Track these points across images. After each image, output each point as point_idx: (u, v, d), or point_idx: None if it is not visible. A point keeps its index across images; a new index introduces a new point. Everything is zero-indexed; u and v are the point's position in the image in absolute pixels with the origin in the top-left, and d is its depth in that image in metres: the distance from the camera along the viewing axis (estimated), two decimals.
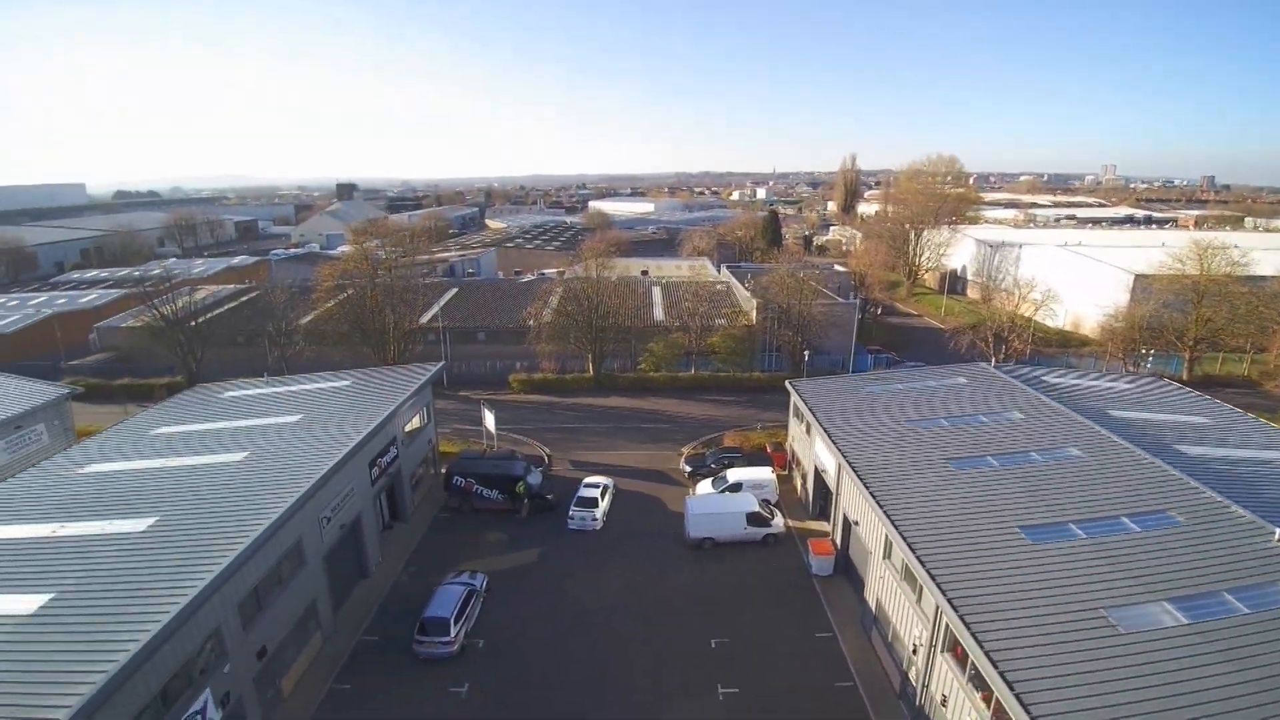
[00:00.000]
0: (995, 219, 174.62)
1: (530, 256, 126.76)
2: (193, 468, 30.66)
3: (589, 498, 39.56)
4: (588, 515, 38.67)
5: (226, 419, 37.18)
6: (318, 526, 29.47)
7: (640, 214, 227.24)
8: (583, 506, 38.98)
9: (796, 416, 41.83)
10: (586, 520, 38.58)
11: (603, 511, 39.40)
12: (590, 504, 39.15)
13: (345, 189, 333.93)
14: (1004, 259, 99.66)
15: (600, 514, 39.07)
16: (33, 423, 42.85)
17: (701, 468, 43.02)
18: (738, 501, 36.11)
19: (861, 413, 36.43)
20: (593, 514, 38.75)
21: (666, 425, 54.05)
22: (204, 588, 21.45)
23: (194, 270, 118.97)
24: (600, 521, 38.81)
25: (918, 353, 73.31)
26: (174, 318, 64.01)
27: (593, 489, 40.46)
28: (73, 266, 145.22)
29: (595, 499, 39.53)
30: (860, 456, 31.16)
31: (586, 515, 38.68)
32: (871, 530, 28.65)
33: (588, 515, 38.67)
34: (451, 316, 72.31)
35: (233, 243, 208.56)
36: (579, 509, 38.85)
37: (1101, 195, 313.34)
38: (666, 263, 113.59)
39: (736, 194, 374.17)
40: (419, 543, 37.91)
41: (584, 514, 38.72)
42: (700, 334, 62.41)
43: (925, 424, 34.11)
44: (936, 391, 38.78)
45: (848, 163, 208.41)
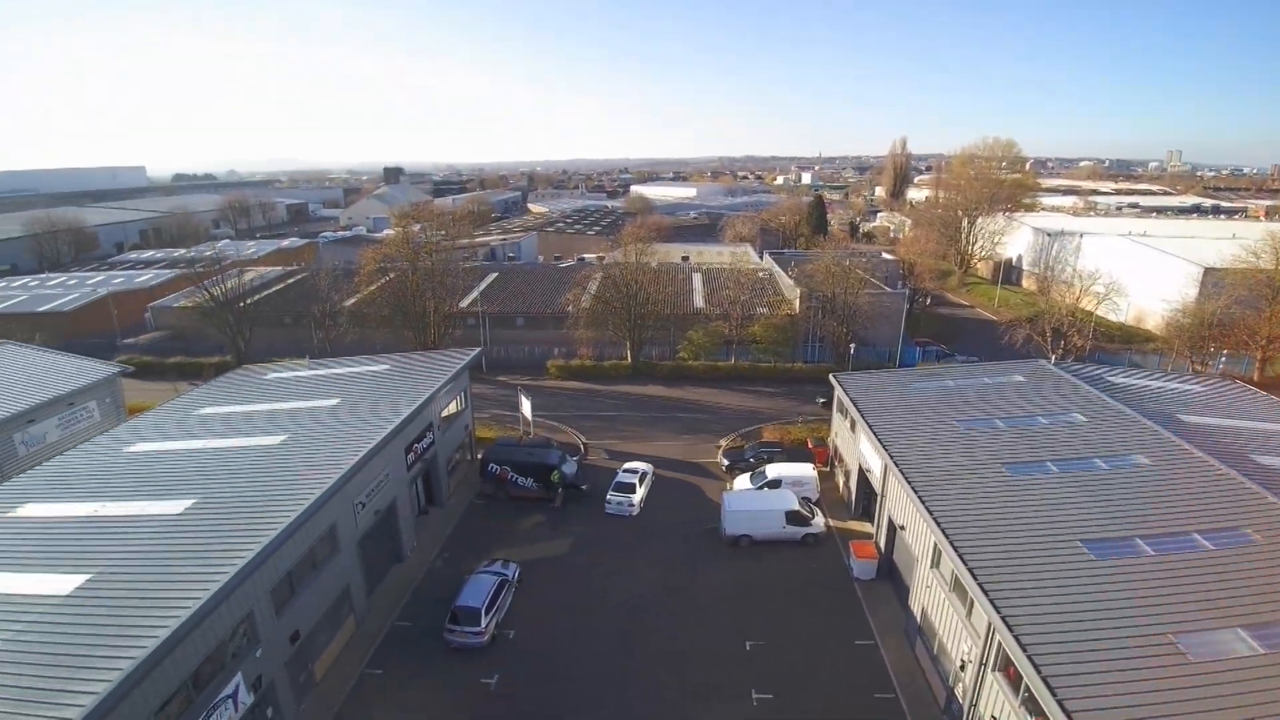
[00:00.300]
0: (1053, 206, 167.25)
1: (571, 241, 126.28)
2: (232, 450, 30.91)
3: (627, 483, 39.22)
4: (624, 500, 38.30)
5: (268, 401, 37.53)
6: (352, 512, 29.42)
7: (682, 199, 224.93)
8: (620, 491, 38.74)
9: (840, 411, 40.36)
10: (623, 505, 38.22)
11: (640, 498, 39.03)
12: (628, 489, 38.80)
13: (392, 173, 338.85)
14: (1063, 249, 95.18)
15: (638, 500, 38.70)
16: (85, 400, 44.04)
17: (739, 462, 41.93)
18: (777, 499, 34.95)
19: (910, 410, 34.79)
20: (629, 499, 38.33)
21: (704, 416, 53.01)
22: (234, 574, 21.39)
23: (246, 251, 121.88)
24: (637, 508, 38.36)
25: (968, 346, 70.50)
26: (223, 299, 65.36)
27: (631, 475, 40.10)
28: (131, 247, 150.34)
29: (633, 484, 39.13)
30: (908, 457, 29.69)
31: (623, 500, 38.32)
32: (919, 536, 27.26)
33: (624, 500, 38.30)
34: (491, 301, 72.34)
35: (284, 225, 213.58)
36: (616, 494, 38.62)
37: (1166, 183, 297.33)
38: (708, 249, 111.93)
39: (781, 179, 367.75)
40: (453, 528, 37.84)
41: (621, 499, 38.37)
42: (741, 323, 60.97)
43: (979, 425, 32.35)
44: (991, 390, 36.84)
45: (897, 146, 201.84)
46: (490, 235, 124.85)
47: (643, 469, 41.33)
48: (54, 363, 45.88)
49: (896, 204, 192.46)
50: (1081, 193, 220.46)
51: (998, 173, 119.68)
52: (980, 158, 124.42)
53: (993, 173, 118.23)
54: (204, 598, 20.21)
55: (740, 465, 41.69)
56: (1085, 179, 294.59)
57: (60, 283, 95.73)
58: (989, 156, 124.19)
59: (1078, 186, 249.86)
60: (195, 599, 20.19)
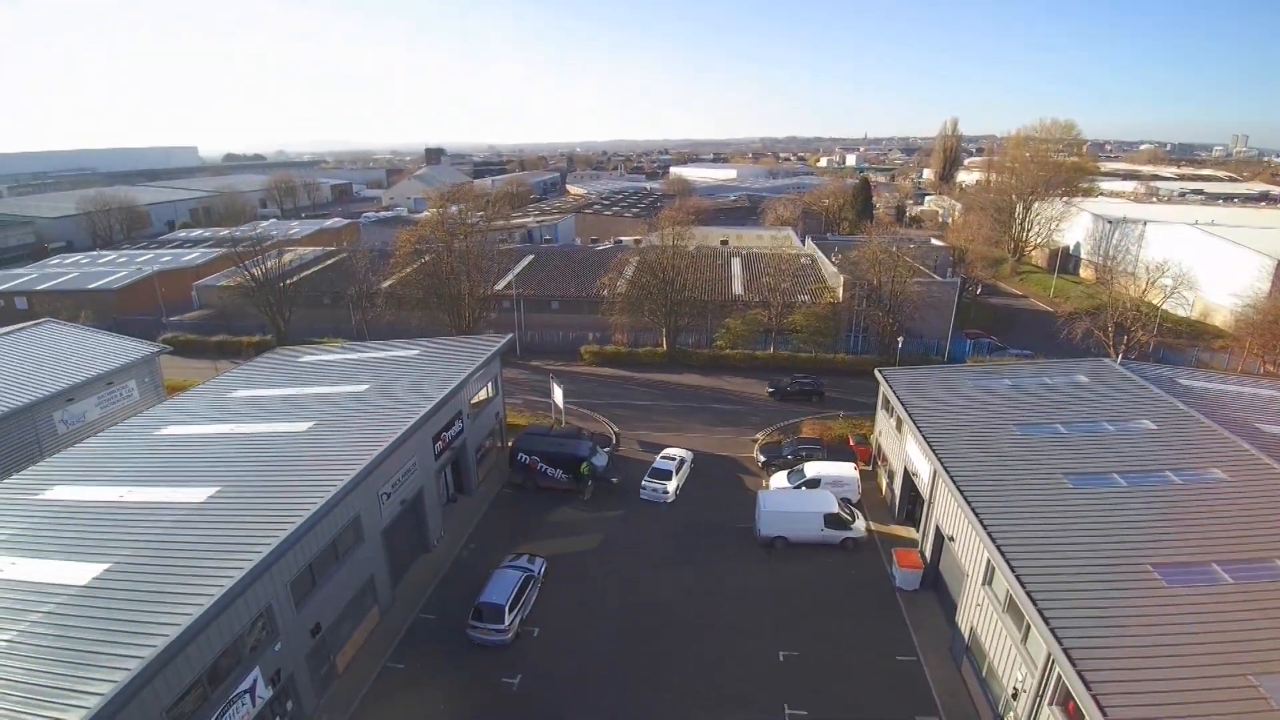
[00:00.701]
0: (1112, 191, 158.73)
1: (608, 223, 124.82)
2: (259, 436, 30.53)
3: (663, 470, 38.63)
4: (659, 487, 37.73)
5: (299, 384, 37.21)
6: (377, 503, 28.80)
7: (722, 180, 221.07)
8: (656, 478, 38.20)
9: (885, 409, 38.33)
10: (658, 492, 37.69)
11: (676, 486, 38.13)
12: (663, 476, 38.20)
13: (434, 154, 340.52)
14: (1125, 237, 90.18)
15: (673, 488, 37.86)
16: (124, 379, 44.52)
17: (777, 458, 40.27)
18: (815, 500, 33.30)
19: (962, 411, 32.62)
20: (664, 486, 37.69)
21: (741, 407, 51.37)
22: (251, 569, 20.81)
23: (290, 231, 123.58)
24: (672, 495, 37.73)
25: (1022, 338, 67.17)
26: (264, 279, 65.81)
27: (668, 461, 39.45)
28: (181, 225, 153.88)
29: (669, 471, 38.44)
30: (960, 463, 27.71)
31: (658, 487, 37.76)
32: (970, 550, 25.40)
33: (659, 487, 37.73)
34: (526, 284, 71.50)
35: (328, 205, 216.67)
36: (652, 480, 38.17)
37: (1232, 169, 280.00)
38: (747, 232, 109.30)
39: (824, 160, 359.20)
40: (481, 518, 37.16)
41: (656, 486, 37.84)
42: (781, 311, 58.86)
43: (1038, 429, 30.08)
44: (1052, 390, 34.36)
45: (948, 128, 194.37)
46: (528, 217, 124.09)
47: (680, 456, 40.51)
48: (94, 341, 46.46)
49: (945, 187, 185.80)
50: (1142, 178, 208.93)
51: (1056, 156, 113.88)
52: (1037, 140, 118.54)
53: (1050, 156, 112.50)
54: (218, 593, 19.64)
55: (777, 462, 40.05)
56: (1145, 163, 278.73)
57: (110, 260, 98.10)
58: (1046, 139, 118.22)
59: (1138, 171, 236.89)
60: (210, 594, 19.64)
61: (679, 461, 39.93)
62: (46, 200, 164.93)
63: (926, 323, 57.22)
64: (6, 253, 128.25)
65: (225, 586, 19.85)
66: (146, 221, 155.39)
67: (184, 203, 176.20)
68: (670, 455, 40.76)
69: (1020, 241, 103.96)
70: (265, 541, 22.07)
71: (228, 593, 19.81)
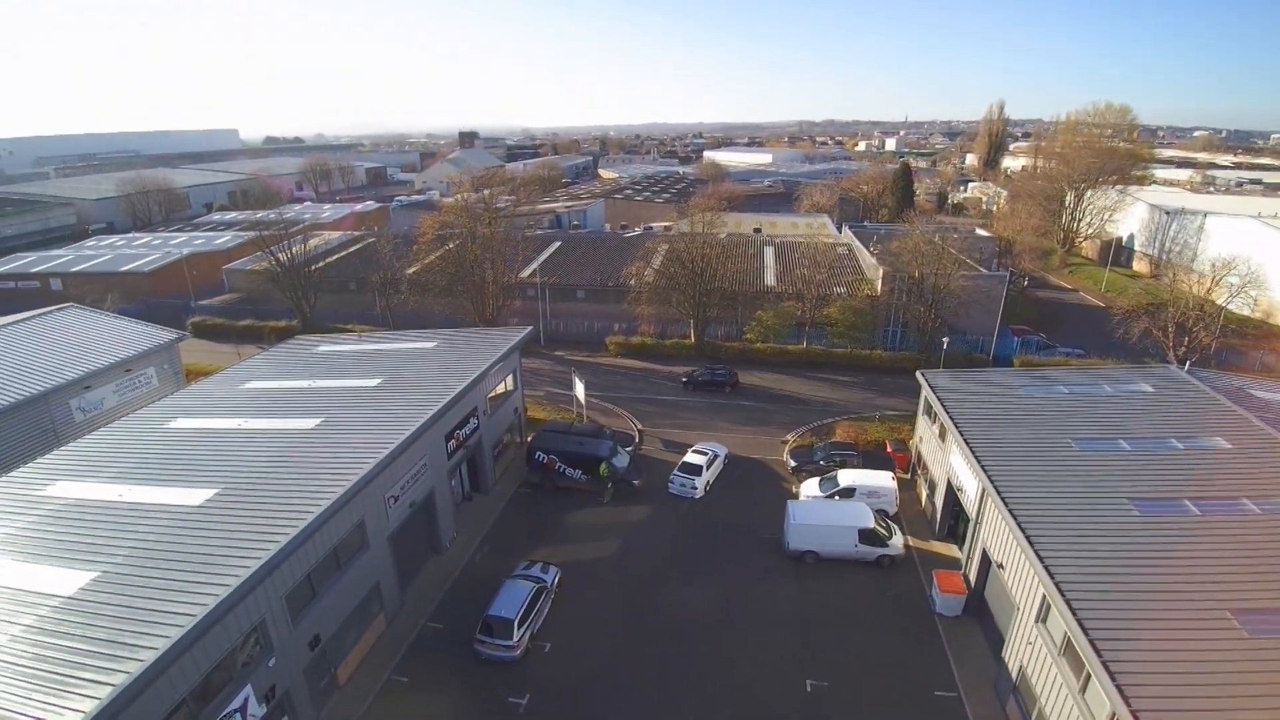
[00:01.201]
0: (1167, 180, 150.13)
1: (639, 209, 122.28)
2: (265, 433, 29.35)
3: (694, 464, 37.41)
4: (688, 482, 36.56)
5: (312, 376, 36.06)
6: (384, 507, 27.46)
7: (757, 165, 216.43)
8: (685, 472, 37.03)
9: (927, 414, 35.76)
10: (686, 487, 36.57)
11: (706, 481, 36.99)
12: (694, 471, 36.96)
13: (467, 137, 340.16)
14: (1183, 229, 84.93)
15: (702, 483, 36.67)
16: (143, 366, 44.04)
17: (808, 463, 38.02)
18: (850, 513, 31.04)
19: (1013, 421, 29.94)
20: (693, 481, 36.48)
21: (771, 406, 49.09)
22: (242, 583, 19.50)
23: (322, 215, 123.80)
24: (701, 490, 36.60)
25: (1072, 336, 63.44)
26: (289, 264, 65.25)
27: (700, 455, 38.20)
28: (218, 208, 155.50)
29: (700, 466, 37.16)
30: (1012, 482, 25.21)
31: (687, 482, 36.59)
32: (1022, 580, 23.02)
33: (688, 482, 36.56)
34: (551, 272, 69.84)
35: (362, 188, 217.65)
36: (681, 474, 37.02)
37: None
38: (782, 219, 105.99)
39: (863, 144, 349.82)
40: (497, 518, 35.74)
41: (685, 480, 36.68)
42: (815, 303, 56.15)
43: (1099, 446, 27.35)
44: (1113, 400, 31.45)
45: (993, 111, 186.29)
46: (556, 202, 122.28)
47: (714, 451, 39.08)
48: (115, 327, 46.07)
49: (990, 174, 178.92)
50: (1198, 166, 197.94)
51: (1109, 141, 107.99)
52: (1090, 125, 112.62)
53: (1103, 142, 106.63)
54: (203, 612, 18.34)
55: (808, 468, 37.81)
56: (1200, 150, 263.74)
57: (145, 243, 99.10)
58: (1100, 124, 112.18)
59: (1193, 159, 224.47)
60: (195, 613, 18.36)
61: (711, 456, 38.45)
62: (87, 182, 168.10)
63: (971, 318, 54.07)
64: (50, 234, 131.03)
65: (210, 605, 18.56)
66: (185, 204, 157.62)
67: (222, 185, 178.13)
68: (703, 450, 39.25)
69: (1070, 232, 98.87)
70: (261, 551, 20.76)
71: (214, 610, 18.53)
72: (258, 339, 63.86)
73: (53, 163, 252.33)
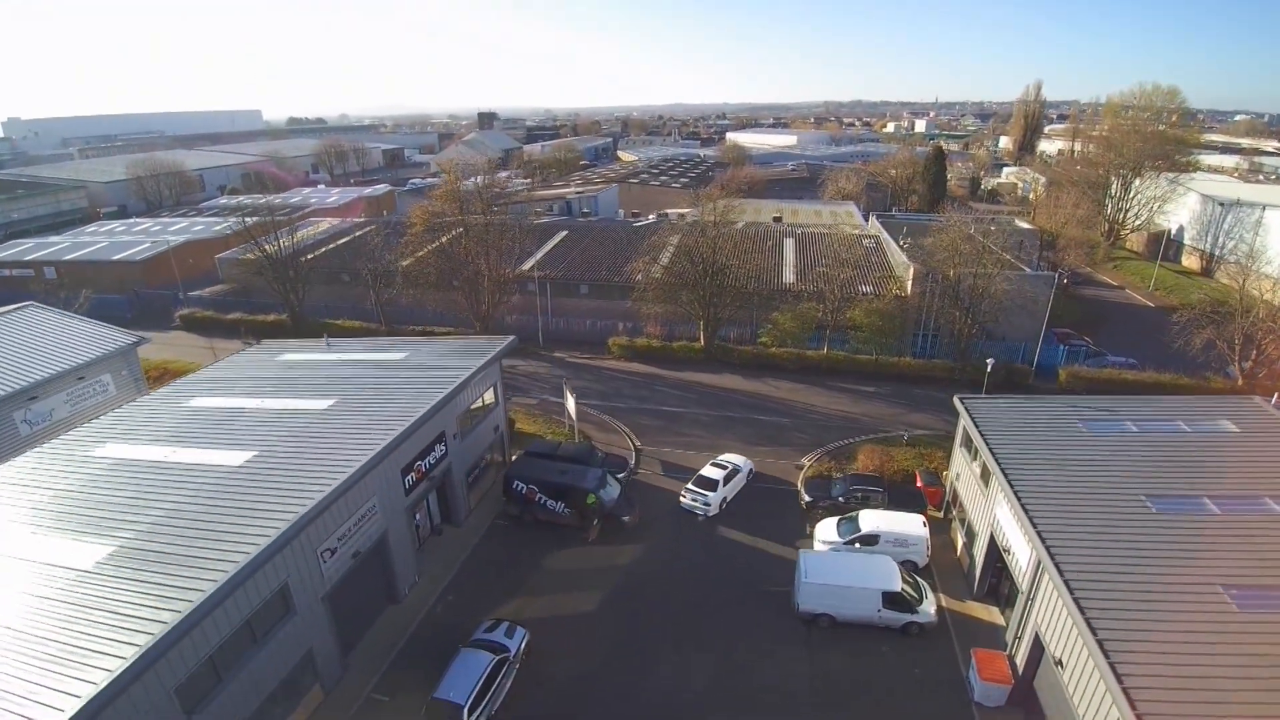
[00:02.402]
0: (1212, 167, 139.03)
1: (654, 194, 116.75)
2: (188, 471, 25.20)
3: (710, 478, 34.37)
4: (699, 498, 33.71)
5: (261, 394, 31.91)
6: (316, 562, 23.29)
7: (780, 147, 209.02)
8: (700, 487, 34.13)
9: (966, 447, 30.63)
10: (698, 503, 33.77)
11: (722, 499, 33.89)
12: (709, 485, 33.97)
13: (486, 118, 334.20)
14: (1239, 223, 77.69)
15: (718, 500, 33.65)
16: (98, 373, 40.37)
17: (825, 499, 33.10)
18: (873, 570, 26.18)
19: (1073, 469, 24.75)
20: (706, 498, 33.52)
21: (787, 420, 44.20)
22: (113, 681, 15.48)
23: (329, 199, 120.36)
24: (715, 508, 33.61)
25: (1121, 341, 57.52)
26: (277, 255, 61.50)
27: (718, 469, 35.02)
28: (230, 191, 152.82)
29: (716, 481, 34.05)
30: (1077, 558, 20.23)
31: (699, 498, 33.75)
32: (1088, 687, 18.13)
33: (699, 498, 33.71)
34: (554, 264, 65.20)
35: (378, 170, 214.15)
36: (695, 488, 34.14)
37: None
38: (804, 207, 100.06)
39: (891, 126, 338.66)
40: (467, 558, 31.42)
41: (697, 495, 33.85)
42: (839, 304, 50.77)
43: (1179, 506, 22.22)
44: (1190, 444, 26.16)
45: (1030, 92, 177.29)
46: (568, 187, 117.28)
47: (734, 465, 35.66)
48: (72, 329, 42.39)
49: (1025, 158, 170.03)
50: (1244, 152, 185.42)
51: (1156, 126, 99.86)
52: (1136, 108, 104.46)
53: (1150, 126, 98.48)
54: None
55: (825, 504, 32.89)
56: (1243, 135, 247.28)
57: (144, 229, 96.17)
58: (1147, 106, 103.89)
59: (1237, 144, 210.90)
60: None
61: (730, 471, 35.00)
62: (100, 165, 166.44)
63: (1012, 324, 48.50)
64: (60, 217, 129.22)
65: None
66: (198, 186, 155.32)
67: (236, 167, 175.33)
68: (723, 463, 35.76)
69: (1116, 224, 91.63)
70: (138, 639, 16.66)
71: None
72: (248, 333, 60.68)
73: (77, 144, 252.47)
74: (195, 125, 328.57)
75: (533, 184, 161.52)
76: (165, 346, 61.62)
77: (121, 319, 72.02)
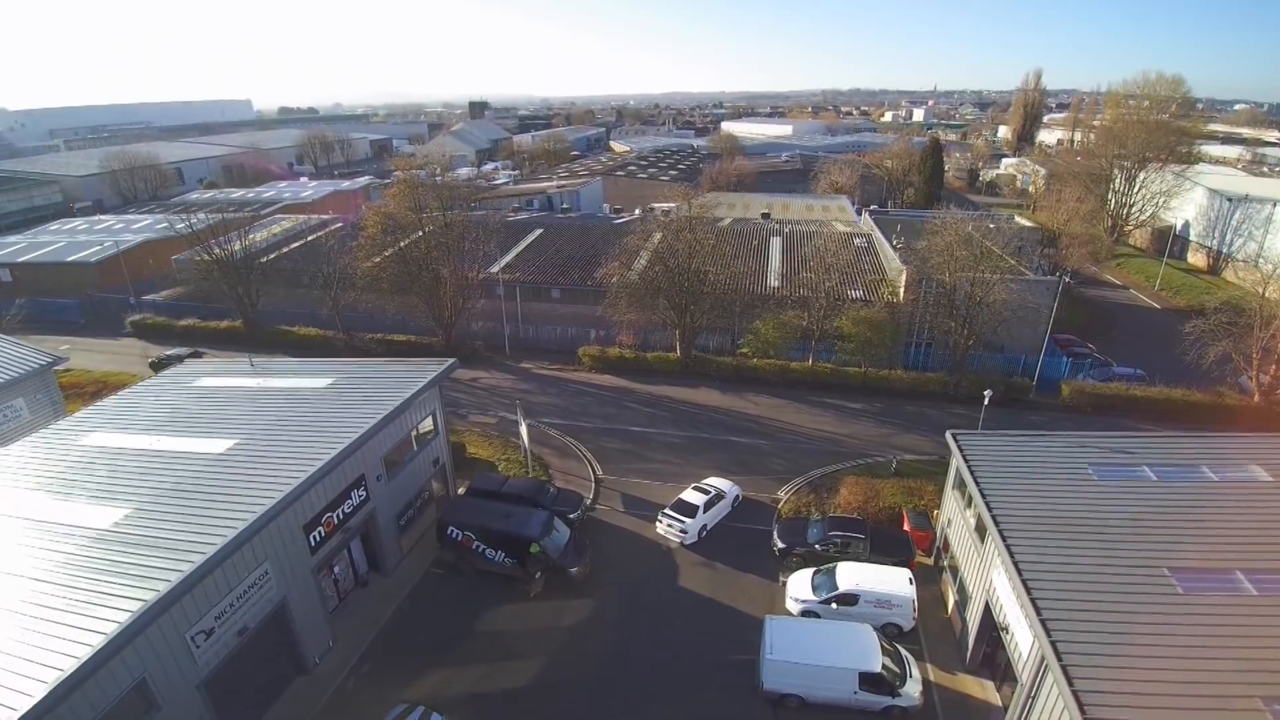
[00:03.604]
0: (1215, 159, 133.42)
1: (641, 188, 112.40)
2: (54, 531, 21.48)
3: (690, 503, 31.98)
4: (676, 524, 31.35)
5: (162, 430, 28.10)
6: (185, 649, 19.59)
7: (775, 137, 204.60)
8: (678, 512, 31.73)
9: (959, 490, 26.85)
10: (674, 530, 31.41)
11: (702, 526, 31.52)
12: (688, 511, 31.56)
13: (477, 108, 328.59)
14: (1247, 219, 73.75)
15: (696, 528, 31.24)
16: (8, 397, 36.58)
17: (800, 544, 29.30)
18: (849, 645, 22.46)
19: (1083, 533, 20.87)
20: (683, 524, 31.16)
21: (765, 442, 40.47)
22: None
23: (303, 194, 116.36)
24: (692, 537, 31.19)
25: (1125, 347, 53.94)
26: (229, 259, 57.70)
27: (700, 493, 32.64)
28: (207, 185, 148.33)
29: (696, 506, 31.66)
30: (1086, 654, 16.52)
31: (675, 524, 31.37)
32: None
33: (676, 524, 31.35)
34: (529, 265, 61.29)
35: (364, 162, 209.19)
36: (672, 513, 31.80)
37: None
38: (796, 201, 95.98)
39: (889, 115, 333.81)
40: (391, 615, 27.61)
41: (674, 520, 31.47)
42: (825, 311, 46.83)
43: (1211, 584, 18.52)
44: (1216, 495, 22.42)
45: (1030, 81, 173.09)
46: (549, 181, 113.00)
47: (718, 490, 33.20)
48: None
49: (1025, 149, 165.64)
50: (1246, 143, 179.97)
51: (1160, 116, 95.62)
52: (1140, 98, 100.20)
53: (1155, 116, 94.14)
54: None
55: (800, 551, 29.13)
56: (1244, 125, 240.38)
57: (106, 227, 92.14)
58: (1151, 96, 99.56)
59: (1238, 134, 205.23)
60: None
61: (713, 496, 32.54)
62: (78, 158, 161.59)
63: (1012, 334, 44.73)
64: (33, 213, 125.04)
65: None
66: (174, 180, 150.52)
67: (217, 159, 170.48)
68: (705, 487, 33.31)
69: (1121, 220, 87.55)
70: None
71: None
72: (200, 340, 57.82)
73: (64, 135, 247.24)
74: (185, 115, 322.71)
75: (521, 175, 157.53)
76: (113, 356, 57.98)
77: (74, 324, 68.45)
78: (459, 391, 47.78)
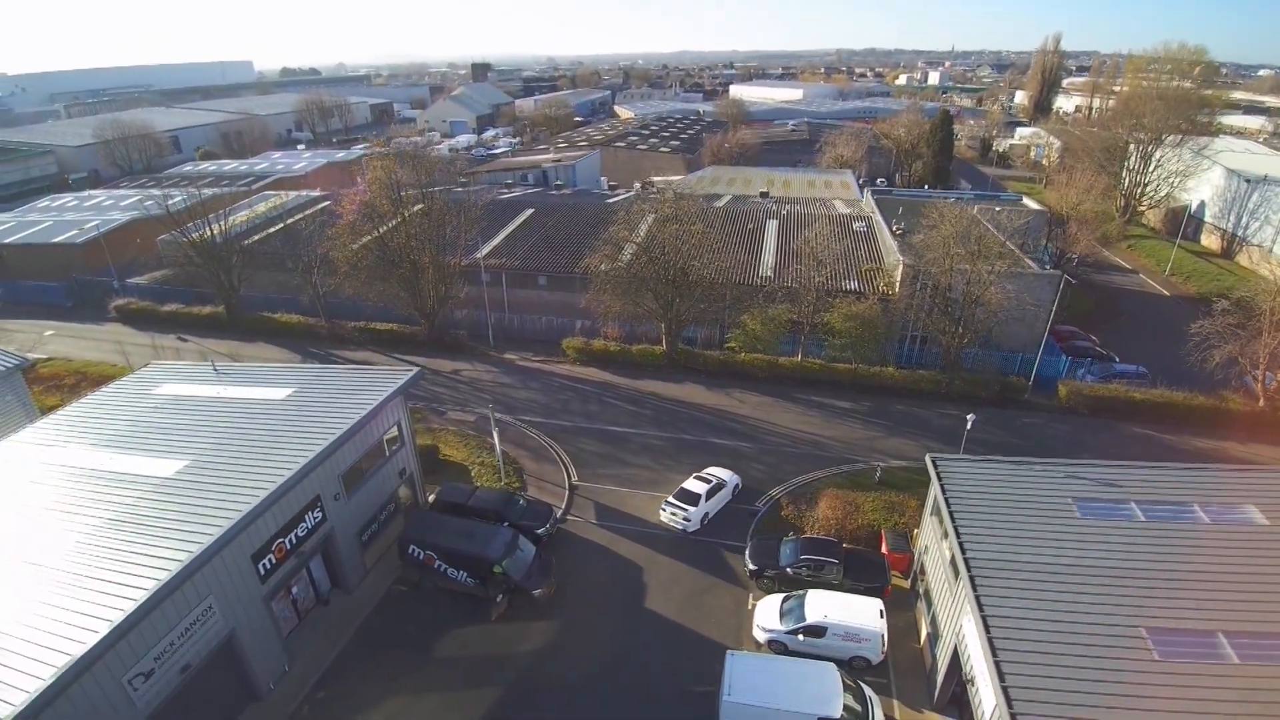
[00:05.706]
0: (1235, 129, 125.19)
1: (639, 160, 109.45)
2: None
3: (693, 491, 32.71)
4: (679, 513, 32.02)
5: (113, 447, 27.27)
6: (122, 692, 18.99)
7: (784, 102, 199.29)
8: (681, 500, 32.48)
9: (936, 515, 25.72)
10: (678, 518, 32.12)
11: (704, 514, 32.26)
12: (690, 500, 32.31)
13: (480, 70, 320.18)
14: (1265, 202, 70.66)
15: (699, 516, 32.02)
16: None
17: (772, 566, 28.31)
18: (810, 686, 21.58)
19: (1059, 585, 19.69)
20: (687, 512, 31.86)
21: (748, 444, 39.42)
22: None
23: (295, 166, 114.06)
24: (696, 525, 31.97)
25: (1129, 340, 52.18)
26: (208, 243, 56.36)
27: (702, 482, 33.34)
28: (202, 154, 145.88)
29: (698, 495, 32.34)
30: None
31: (679, 512, 32.05)
32: None
33: (679, 513, 32.02)
34: (514, 251, 59.67)
35: (363, 127, 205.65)
36: (676, 502, 32.50)
37: None
38: (798, 176, 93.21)
39: (904, 77, 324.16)
40: (351, 638, 26.96)
41: (678, 509, 32.14)
42: (817, 303, 45.05)
43: (1190, 648, 17.41)
44: (1205, 544, 21.11)
45: (1049, 43, 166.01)
46: (542, 155, 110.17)
47: (719, 479, 33.88)
48: None
49: (1040, 117, 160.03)
50: (1270, 112, 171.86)
51: (1182, 83, 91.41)
52: (1159, 67, 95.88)
53: (1175, 88, 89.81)
54: None
55: (770, 574, 28.19)
56: (1268, 93, 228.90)
57: (96, 203, 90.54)
58: (1169, 61, 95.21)
59: (1261, 103, 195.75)
60: None
61: (715, 485, 33.23)
62: (74, 126, 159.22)
63: (1009, 331, 43.11)
64: (29, 184, 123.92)
65: None
66: (169, 149, 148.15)
67: (214, 126, 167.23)
68: (707, 476, 34.01)
69: (1134, 198, 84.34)
70: None
71: None
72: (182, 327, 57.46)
73: (65, 99, 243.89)
74: (185, 78, 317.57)
75: (522, 144, 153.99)
76: (95, 344, 57.25)
77: (61, 308, 67.57)
78: (439, 385, 46.84)
